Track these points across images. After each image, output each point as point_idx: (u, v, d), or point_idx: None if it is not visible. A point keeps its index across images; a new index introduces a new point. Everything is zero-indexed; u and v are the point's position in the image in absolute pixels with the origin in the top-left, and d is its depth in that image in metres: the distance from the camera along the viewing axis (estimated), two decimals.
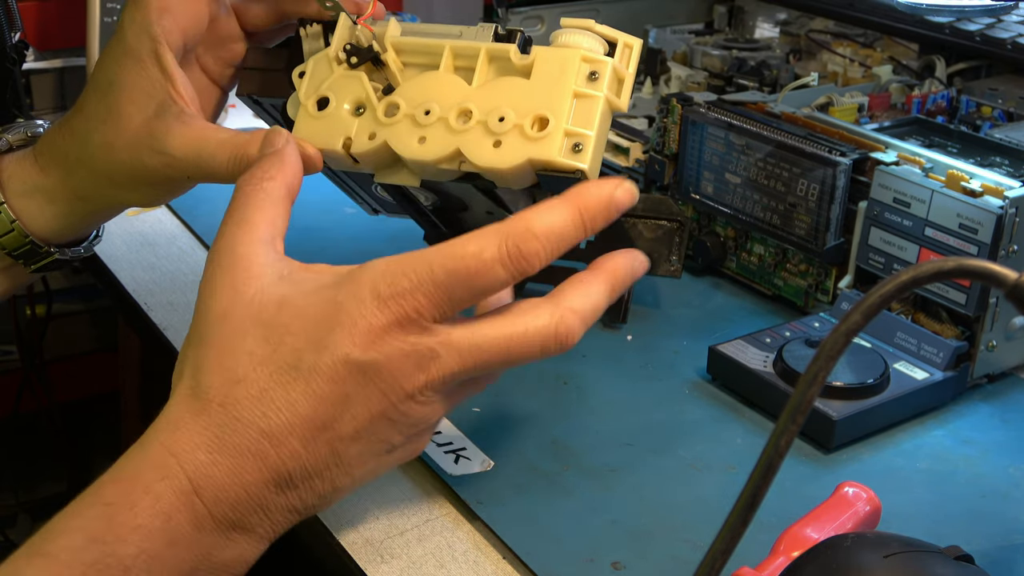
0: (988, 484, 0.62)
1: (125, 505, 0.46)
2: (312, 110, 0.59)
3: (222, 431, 0.48)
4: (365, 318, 0.48)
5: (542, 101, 0.56)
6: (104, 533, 0.46)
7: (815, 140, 0.75)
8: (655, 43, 1.08)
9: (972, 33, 0.91)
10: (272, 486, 0.49)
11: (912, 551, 0.46)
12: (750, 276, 0.82)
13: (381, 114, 0.58)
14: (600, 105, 0.56)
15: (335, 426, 0.49)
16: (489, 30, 0.59)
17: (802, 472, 0.63)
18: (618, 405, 0.69)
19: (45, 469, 1.46)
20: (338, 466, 0.50)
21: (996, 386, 0.71)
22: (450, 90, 0.58)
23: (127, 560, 0.45)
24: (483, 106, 0.56)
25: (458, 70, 0.59)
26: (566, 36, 0.58)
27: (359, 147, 0.58)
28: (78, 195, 0.63)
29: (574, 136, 0.55)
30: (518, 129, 0.55)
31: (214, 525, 0.48)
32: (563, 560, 0.55)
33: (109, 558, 0.45)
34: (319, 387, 0.48)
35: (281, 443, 0.48)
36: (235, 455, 0.48)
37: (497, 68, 0.58)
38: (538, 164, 0.55)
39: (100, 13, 1.01)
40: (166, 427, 0.48)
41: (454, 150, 0.56)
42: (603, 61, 0.57)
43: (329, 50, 0.60)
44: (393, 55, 0.59)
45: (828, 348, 0.40)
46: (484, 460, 0.63)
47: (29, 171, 0.63)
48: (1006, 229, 0.66)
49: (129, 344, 1.25)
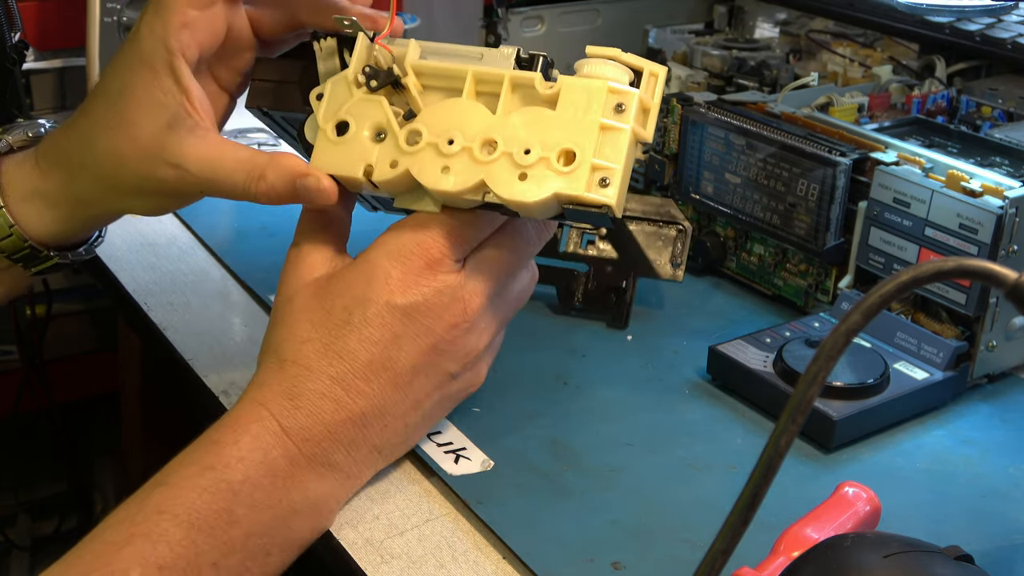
0: (988, 484, 0.62)
1: (230, 441, 0.54)
2: (331, 135, 0.59)
3: (297, 380, 0.56)
4: (397, 268, 0.57)
5: (568, 134, 0.55)
6: (214, 462, 0.53)
7: (815, 140, 0.75)
8: (655, 43, 1.08)
9: (972, 33, 0.91)
10: (349, 424, 0.57)
11: (912, 551, 0.46)
12: (750, 276, 0.82)
13: (403, 142, 0.57)
14: (627, 138, 0.55)
15: (392, 365, 0.57)
16: (511, 54, 0.58)
17: (802, 472, 0.63)
18: (618, 405, 0.69)
19: (45, 469, 1.46)
20: (406, 400, 0.58)
21: (996, 386, 0.71)
22: (474, 118, 0.57)
23: (235, 485, 0.53)
24: (508, 137, 0.56)
25: (480, 96, 0.58)
26: (591, 66, 0.57)
27: (381, 175, 0.58)
28: (79, 200, 0.63)
29: (601, 170, 0.55)
30: (544, 163, 0.55)
31: (305, 461, 0.55)
32: (563, 560, 0.55)
33: (220, 483, 0.53)
34: (371, 333, 0.57)
35: (349, 385, 0.56)
36: (312, 398, 0.56)
37: (521, 96, 0.57)
38: (565, 199, 0.55)
39: (100, 13, 1.01)
40: (255, 386, 0.57)
41: (479, 182, 0.56)
42: (630, 93, 0.56)
43: (347, 72, 0.59)
44: (414, 79, 0.58)
45: (828, 348, 0.40)
46: (484, 460, 0.63)
47: (30, 174, 0.63)
48: (1006, 229, 0.66)
49: (129, 344, 1.25)
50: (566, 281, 0.78)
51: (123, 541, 0.50)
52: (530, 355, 0.74)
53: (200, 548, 0.51)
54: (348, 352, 0.57)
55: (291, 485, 0.55)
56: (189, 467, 0.53)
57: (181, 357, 0.73)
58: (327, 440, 0.56)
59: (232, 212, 0.93)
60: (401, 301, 0.57)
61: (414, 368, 0.58)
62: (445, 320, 0.58)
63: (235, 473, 0.53)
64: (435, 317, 0.57)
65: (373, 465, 0.59)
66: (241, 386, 0.69)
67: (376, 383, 0.57)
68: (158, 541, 0.50)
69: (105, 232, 0.69)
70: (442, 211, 0.58)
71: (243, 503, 0.53)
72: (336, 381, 0.56)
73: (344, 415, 0.56)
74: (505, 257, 0.60)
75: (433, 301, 0.57)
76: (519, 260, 0.61)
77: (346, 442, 0.57)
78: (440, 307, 0.57)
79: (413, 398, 0.59)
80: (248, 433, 0.55)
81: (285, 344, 0.58)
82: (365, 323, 0.57)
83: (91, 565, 0.50)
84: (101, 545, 0.51)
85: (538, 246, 0.62)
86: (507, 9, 1.05)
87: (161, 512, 0.51)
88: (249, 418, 0.55)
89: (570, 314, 0.78)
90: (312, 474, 0.56)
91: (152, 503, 0.52)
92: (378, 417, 0.58)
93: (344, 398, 0.56)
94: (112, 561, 0.50)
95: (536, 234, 0.61)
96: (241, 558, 0.53)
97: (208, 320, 0.78)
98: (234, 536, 0.52)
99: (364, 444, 0.58)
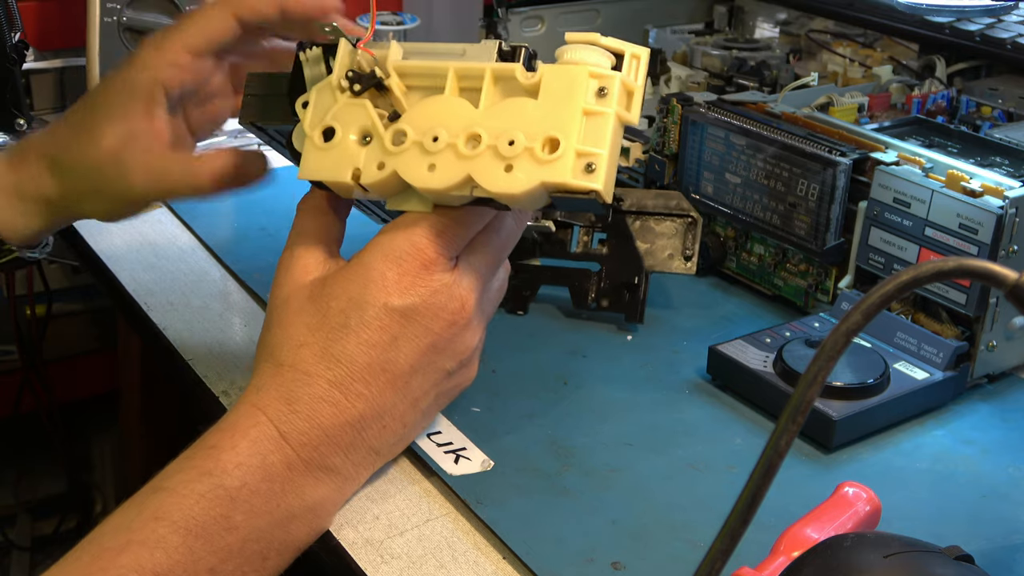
0: (988, 484, 0.62)
1: (228, 447, 0.54)
2: (318, 141, 0.58)
3: (295, 384, 0.56)
4: (392, 270, 0.57)
5: (551, 122, 0.55)
6: (212, 468, 0.53)
7: (815, 140, 0.75)
8: (655, 43, 1.08)
9: (972, 33, 0.91)
10: (347, 428, 0.57)
11: (912, 551, 0.46)
12: (750, 276, 0.82)
13: (389, 143, 0.57)
14: (611, 122, 0.55)
15: (391, 367, 0.57)
16: (493, 47, 0.58)
17: (802, 472, 0.63)
18: (618, 405, 0.69)
19: (45, 469, 1.46)
20: (404, 401, 0.58)
21: (996, 386, 0.71)
22: (457, 114, 0.56)
23: (233, 491, 0.53)
24: (492, 129, 0.55)
25: (464, 92, 0.57)
26: (572, 52, 0.56)
27: (369, 178, 0.57)
28: (46, 197, 0.68)
29: (586, 156, 0.54)
30: (529, 152, 0.54)
31: (303, 466, 0.55)
32: (563, 560, 0.55)
33: (218, 489, 0.53)
34: (369, 336, 0.57)
35: (347, 389, 0.56)
36: (310, 403, 0.56)
37: (503, 88, 0.57)
38: (551, 187, 0.54)
39: (100, 13, 1.01)
40: (252, 391, 0.57)
41: (465, 177, 0.55)
42: (611, 76, 0.55)
43: (331, 78, 0.59)
44: (396, 80, 0.58)
45: (828, 348, 0.40)
46: (484, 460, 0.63)
47: (3, 170, 0.68)
48: (1006, 229, 0.66)
49: (129, 344, 1.25)
50: (578, 281, 0.77)
51: (120, 547, 0.51)
52: (530, 355, 0.74)
53: (197, 554, 0.51)
54: (346, 356, 0.57)
55: (289, 490, 0.55)
56: (187, 472, 0.53)
57: (181, 357, 0.73)
58: (325, 444, 0.56)
59: (232, 212, 0.93)
60: (398, 303, 0.57)
61: (412, 368, 0.58)
62: (443, 319, 0.58)
63: (233, 479, 0.53)
64: (433, 316, 0.57)
65: (371, 466, 0.59)
66: (241, 386, 0.69)
67: (374, 385, 0.57)
68: (155, 548, 0.51)
69: (51, 242, 0.74)
70: (434, 209, 0.58)
71: (241, 509, 0.53)
72: (334, 385, 0.56)
73: (342, 419, 0.56)
74: (492, 251, 0.60)
75: (430, 301, 0.57)
76: (504, 253, 0.62)
77: (344, 446, 0.57)
78: (437, 306, 0.58)
79: (411, 398, 0.59)
80: (246, 438, 0.55)
81: (281, 348, 0.58)
82: (363, 326, 0.57)
83: (88, 570, 0.50)
84: (98, 550, 0.51)
85: (517, 237, 0.62)
86: (507, 9, 1.05)
87: (158, 518, 0.51)
88: (247, 423, 0.55)
89: (582, 316, 0.78)
90: (310, 478, 0.56)
91: (150, 509, 0.52)
92: (376, 419, 0.58)
93: (342, 402, 0.56)
94: (109, 567, 0.50)
95: (516, 225, 0.62)
96: (238, 563, 0.53)
97: (208, 320, 0.78)
98: (231, 542, 0.52)
99: (362, 446, 0.58)
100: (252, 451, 0.54)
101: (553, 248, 0.78)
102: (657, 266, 0.77)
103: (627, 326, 0.77)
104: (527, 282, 0.78)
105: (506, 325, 0.77)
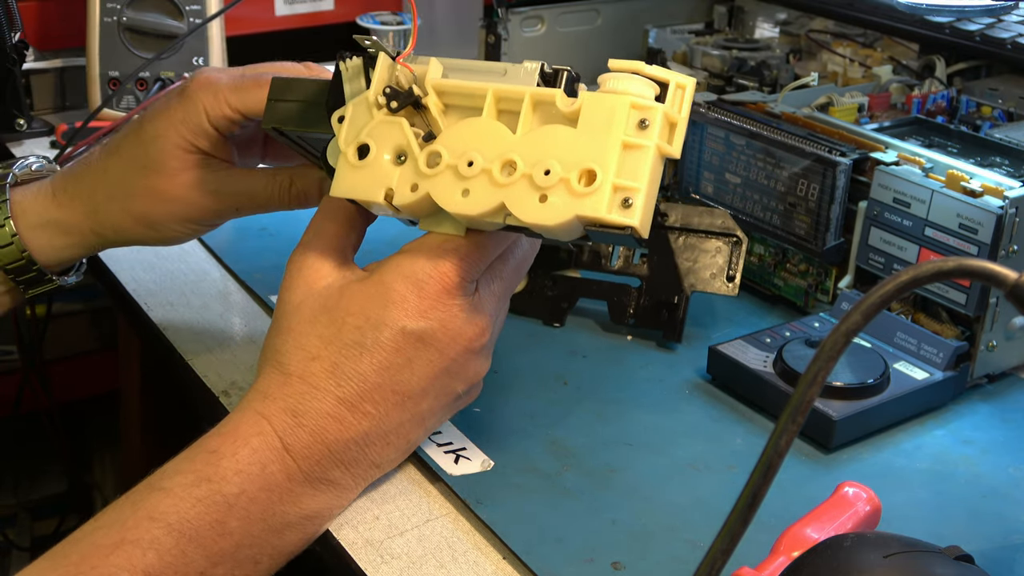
0: (988, 484, 0.62)
1: (228, 453, 0.54)
2: (352, 159, 0.57)
3: (303, 397, 0.56)
4: (413, 294, 0.56)
5: (589, 152, 0.53)
6: (211, 473, 0.53)
7: (815, 140, 0.75)
8: (655, 43, 1.08)
9: (972, 33, 0.91)
10: (352, 444, 0.56)
11: (912, 551, 0.46)
12: (750, 276, 0.82)
13: (423, 164, 0.56)
14: (651, 155, 0.53)
15: (402, 388, 0.57)
16: (535, 69, 0.56)
17: (802, 472, 0.63)
18: (618, 405, 0.69)
19: (45, 469, 1.46)
20: (410, 421, 0.58)
21: (996, 386, 0.71)
22: (493, 139, 0.55)
23: (230, 498, 0.53)
24: (528, 157, 0.54)
25: (502, 114, 0.56)
26: (614, 81, 0.54)
27: (401, 199, 0.56)
28: (96, 231, 0.69)
29: (623, 190, 0.53)
30: (564, 183, 0.53)
31: (303, 478, 0.55)
32: (563, 560, 0.55)
33: (216, 495, 0.53)
34: (383, 358, 0.56)
35: (356, 407, 0.56)
36: (316, 418, 0.55)
37: (543, 114, 0.56)
38: (586, 220, 0.53)
39: (100, 13, 1.01)
40: (257, 396, 0.56)
41: (498, 204, 0.54)
42: (653, 108, 0.53)
43: (368, 93, 0.58)
44: (435, 98, 0.57)
45: (828, 348, 0.40)
46: (484, 460, 0.63)
47: (46, 205, 0.68)
48: (1006, 229, 0.66)
49: (129, 344, 1.25)
50: (618, 296, 0.76)
51: (113, 545, 0.51)
52: (530, 355, 0.74)
53: (189, 557, 0.51)
54: (358, 374, 0.56)
55: (287, 499, 0.55)
56: (185, 475, 0.53)
57: (181, 357, 0.73)
58: (327, 459, 0.56)
59: None
60: (416, 327, 0.56)
61: (423, 391, 0.58)
62: (460, 344, 0.57)
63: (231, 486, 0.53)
64: (450, 341, 0.57)
65: (371, 478, 0.59)
66: (241, 386, 0.69)
67: (383, 405, 0.57)
68: (148, 549, 0.51)
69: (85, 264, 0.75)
70: (466, 233, 0.57)
71: (237, 515, 0.53)
72: (342, 402, 0.56)
73: (347, 436, 0.56)
74: (509, 277, 0.60)
75: (449, 326, 0.57)
76: (519, 277, 0.61)
77: (347, 461, 0.57)
78: (455, 331, 0.57)
79: (419, 418, 0.58)
80: (248, 446, 0.54)
81: (291, 356, 0.57)
82: (378, 347, 0.56)
83: (79, 567, 0.50)
84: (90, 547, 0.51)
85: (531, 262, 0.62)
86: (507, 9, 1.05)
87: (153, 519, 0.51)
88: (250, 430, 0.55)
89: (621, 331, 0.77)
90: (309, 489, 0.56)
91: (145, 508, 0.52)
92: (381, 437, 0.57)
93: (349, 419, 0.56)
94: (100, 564, 0.50)
95: (531, 249, 0.61)
96: (230, 567, 0.53)
97: (208, 320, 0.78)
98: (225, 547, 0.52)
99: (364, 461, 0.58)
100: (253, 459, 0.54)
101: (593, 261, 0.78)
102: (699, 285, 0.75)
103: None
104: (565, 294, 0.77)
105: (506, 325, 0.76)
